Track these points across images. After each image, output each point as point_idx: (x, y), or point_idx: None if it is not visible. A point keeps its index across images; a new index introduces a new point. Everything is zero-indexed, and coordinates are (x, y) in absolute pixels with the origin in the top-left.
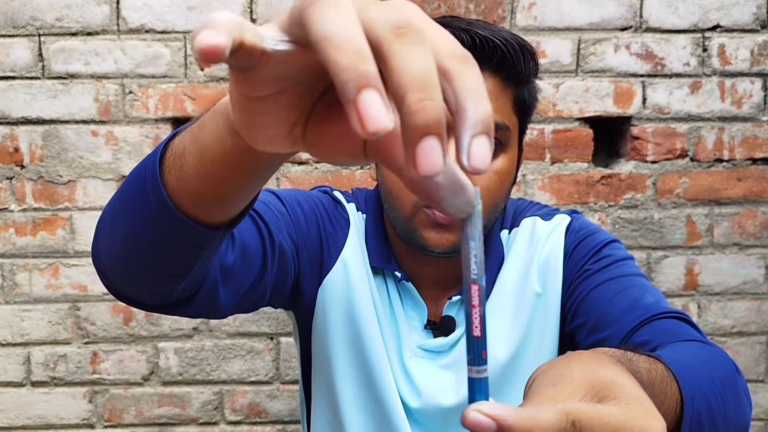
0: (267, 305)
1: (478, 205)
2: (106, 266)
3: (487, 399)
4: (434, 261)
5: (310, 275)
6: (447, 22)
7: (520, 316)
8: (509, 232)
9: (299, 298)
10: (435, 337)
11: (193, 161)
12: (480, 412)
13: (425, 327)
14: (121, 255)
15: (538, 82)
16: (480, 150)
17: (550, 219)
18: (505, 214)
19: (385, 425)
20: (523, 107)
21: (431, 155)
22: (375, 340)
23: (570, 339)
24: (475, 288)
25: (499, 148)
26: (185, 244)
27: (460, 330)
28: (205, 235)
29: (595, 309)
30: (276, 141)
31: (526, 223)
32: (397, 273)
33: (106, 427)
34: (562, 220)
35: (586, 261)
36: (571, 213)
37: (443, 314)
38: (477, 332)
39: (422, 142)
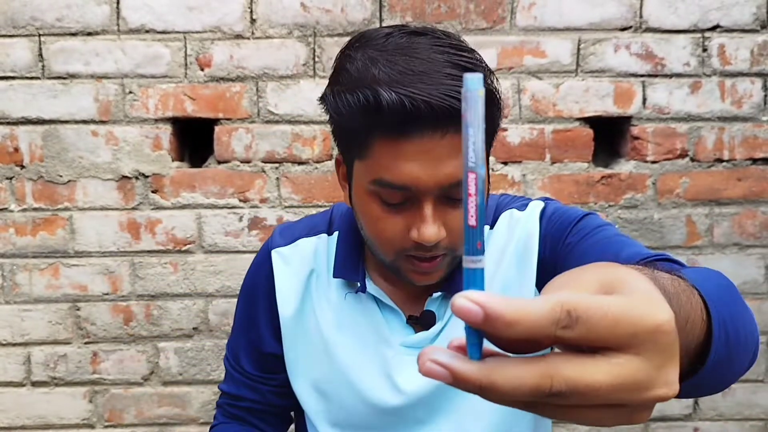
0: None
1: (478, 90)
2: None
3: (482, 289)
4: None
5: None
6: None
7: None
8: (491, 228)
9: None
10: (416, 332)
11: None
12: (467, 299)
13: (407, 323)
14: None
15: (537, 80)
16: None
17: (524, 209)
18: (486, 211)
19: None
20: (491, 140)
21: None
22: (324, 363)
23: None
24: (472, 176)
25: None
26: None
27: (440, 324)
28: None
29: None
30: None
31: (504, 217)
32: (358, 283)
33: (106, 427)
34: (535, 207)
35: (566, 236)
36: (545, 199)
37: (425, 309)
38: (472, 221)
39: None
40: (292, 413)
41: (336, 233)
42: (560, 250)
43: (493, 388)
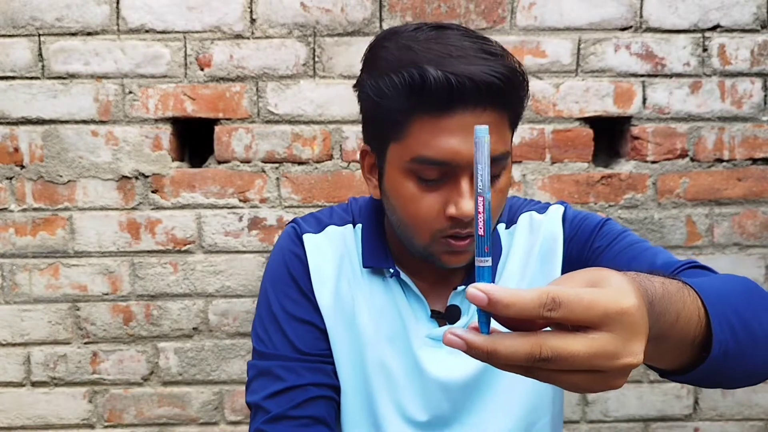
0: None
1: (485, 138)
2: None
3: (490, 282)
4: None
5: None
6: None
7: None
8: (506, 228)
9: None
10: (440, 326)
11: None
12: (476, 288)
13: (431, 317)
14: None
15: (537, 80)
16: None
17: (545, 212)
18: (506, 211)
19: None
20: (517, 121)
21: None
22: (343, 352)
23: None
24: (480, 199)
25: (501, 171)
26: None
27: (465, 318)
28: None
29: None
30: None
31: (524, 218)
32: (390, 269)
33: (106, 427)
34: (556, 210)
35: (592, 240)
36: (562, 203)
37: (448, 303)
38: (481, 231)
39: None
40: None
41: (359, 226)
42: (588, 253)
43: (496, 354)
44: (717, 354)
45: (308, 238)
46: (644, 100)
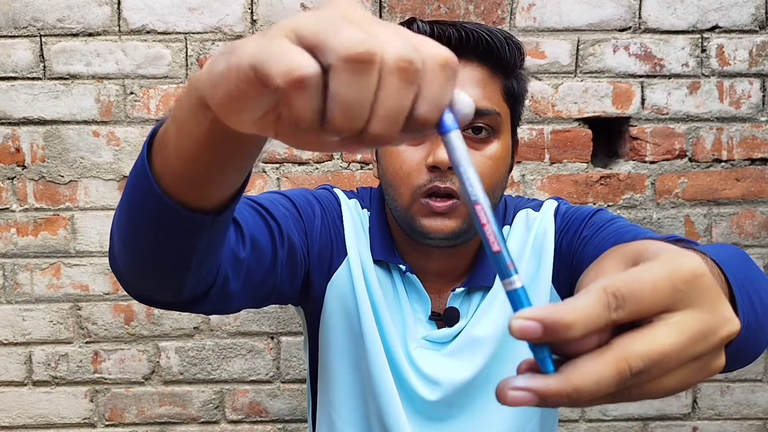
0: (276, 302)
1: (451, 132)
2: (121, 267)
3: (530, 305)
4: (437, 253)
5: (320, 271)
6: (435, 20)
7: None
8: (510, 227)
9: (308, 294)
10: (439, 328)
11: (174, 140)
12: (521, 318)
13: (429, 318)
14: (130, 253)
15: (536, 81)
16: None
17: (539, 209)
18: (506, 210)
19: (377, 419)
20: (513, 96)
21: None
22: (372, 336)
23: None
24: (479, 208)
25: (491, 134)
26: (179, 232)
27: (463, 321)
28: (194, 221)
29: None
30: (247, 125)
31: (520, 215)
32: (401, 266)
33: (107, 426)
34: (550, 206)
35: (581, 230)
36: (557, 199)
37: (447, 305)
38: (495, 247)
39: None
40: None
41: (369, 212)
42: (576, 243)
43: (580, 393)
44: (742, 332)
45: (341, 194)
46: (643, 100)
